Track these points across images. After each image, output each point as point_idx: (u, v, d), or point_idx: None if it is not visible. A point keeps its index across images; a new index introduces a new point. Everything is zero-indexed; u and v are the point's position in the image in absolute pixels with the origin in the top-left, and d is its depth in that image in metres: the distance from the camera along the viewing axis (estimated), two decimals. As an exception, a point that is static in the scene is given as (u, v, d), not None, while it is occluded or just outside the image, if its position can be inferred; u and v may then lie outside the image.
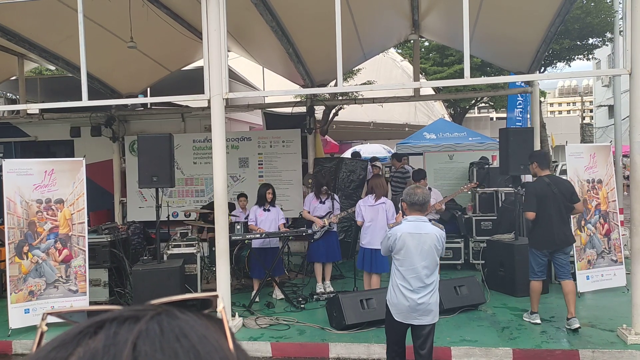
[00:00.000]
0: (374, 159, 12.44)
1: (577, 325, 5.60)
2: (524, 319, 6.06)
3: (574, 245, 6.81)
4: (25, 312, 6.09)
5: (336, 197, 7.66)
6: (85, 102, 6.19)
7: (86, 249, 6.28)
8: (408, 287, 3.87)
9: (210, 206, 7.33)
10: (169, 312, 0.47)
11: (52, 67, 12.06)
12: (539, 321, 5.90)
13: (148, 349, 0.43)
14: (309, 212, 7.44)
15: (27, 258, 6.10)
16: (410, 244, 3.85)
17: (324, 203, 7.44)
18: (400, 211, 4.27)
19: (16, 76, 10.78)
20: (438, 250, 3.92)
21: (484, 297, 6.62)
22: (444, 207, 7.41)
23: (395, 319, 3.93)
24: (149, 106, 11.61)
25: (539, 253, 5.83)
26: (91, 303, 6.34)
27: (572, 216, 6.24)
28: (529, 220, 5.90)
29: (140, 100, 9.45)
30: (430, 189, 7.57)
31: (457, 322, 6.06)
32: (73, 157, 10.40)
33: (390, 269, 4.16)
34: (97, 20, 7.64)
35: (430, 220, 4.10)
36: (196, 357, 0.44)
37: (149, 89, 11.34)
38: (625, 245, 7.74)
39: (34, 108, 11.08)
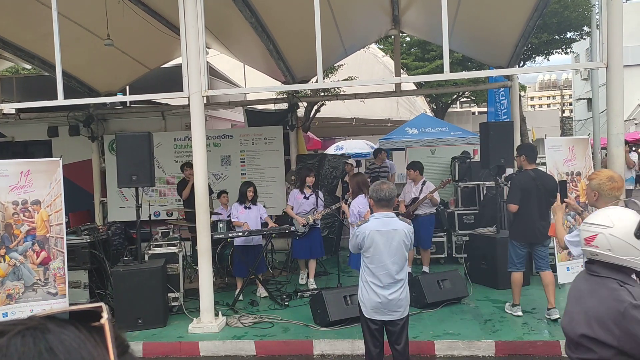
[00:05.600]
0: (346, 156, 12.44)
1: (557, 316, 5.67)
2: (506, 310, 6.12)
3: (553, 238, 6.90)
4: (3, 316, 5.96)
5: (320, 193, 7.65)
6: (61, 101, 6.10)
7: (65, 250, 6.17)
8: (378, 283, 3.85)
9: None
10: (40, 326, 0.45)
11: (28, 66, 11.83)
12: (520, 313, 5.97)
13: None
14: (292, 209, 7.42)
15: (5, 261, 5.97)
16: (379, 241, 3.81)
17: (308, 199, 7.42)
18: (368, 209, 4.26)
19: (-9, 75, 10.58)
20: (407, 246, 3.90)
21: (466, 291, 6.67)
22: (438, 198, 7.69)
23: (367, 315, 3.92)
24: (128, 104, 11.45)
25: (519, 245, 5.91)
26: (71, 305, 6.24)
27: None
28: (511, 212, 5.96)
29: (119, 98, 9.31)
30: (424, 182, 7.79)
31: (441, 316, 6.10)
32: (51, 157, 10.22)
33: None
34: (72, 18, 7.51)
35: (398, 215, 4.09)
36: None
37: (127, 87, 11.18)
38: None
39: (9, 108, 10.87)
